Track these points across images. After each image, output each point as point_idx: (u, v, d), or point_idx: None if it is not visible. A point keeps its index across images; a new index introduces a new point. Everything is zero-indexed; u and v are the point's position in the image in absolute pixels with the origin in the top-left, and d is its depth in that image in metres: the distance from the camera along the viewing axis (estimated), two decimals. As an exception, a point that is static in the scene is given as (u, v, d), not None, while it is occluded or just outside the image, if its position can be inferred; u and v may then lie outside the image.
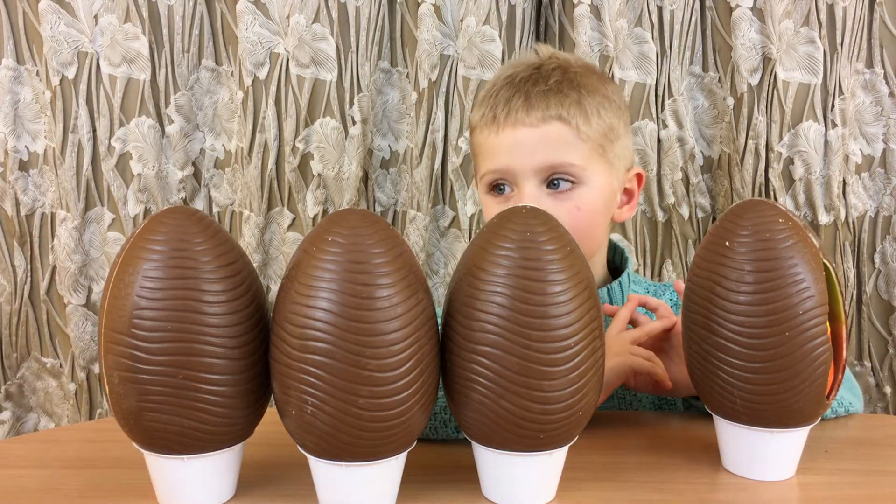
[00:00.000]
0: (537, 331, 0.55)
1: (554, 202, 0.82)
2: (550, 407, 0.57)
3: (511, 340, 0.56)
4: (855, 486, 0.66)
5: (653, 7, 1.23)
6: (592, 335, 0.58)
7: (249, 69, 1.19)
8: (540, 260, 0.56)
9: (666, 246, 1.29)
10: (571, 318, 0.56)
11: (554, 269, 0.56)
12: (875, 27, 1.23)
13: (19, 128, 1.23)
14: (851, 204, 1.26)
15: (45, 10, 1.18)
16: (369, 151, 1.25)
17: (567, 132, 0.83)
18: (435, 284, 1.27)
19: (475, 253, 0.58)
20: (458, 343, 0.58)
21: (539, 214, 0.59)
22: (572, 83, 0.85)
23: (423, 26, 1.20)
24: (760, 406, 0.64)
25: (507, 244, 0.56)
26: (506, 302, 0.56)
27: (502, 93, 0.85)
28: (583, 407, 0.59)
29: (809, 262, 0.62)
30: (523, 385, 0.56)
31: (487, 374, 0.57)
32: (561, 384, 0.56)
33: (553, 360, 0.56)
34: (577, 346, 0.56)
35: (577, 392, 0.57)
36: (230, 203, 1.27)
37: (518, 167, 0.83)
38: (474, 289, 0.57)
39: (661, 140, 1.25)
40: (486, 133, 0.85)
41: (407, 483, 0.64)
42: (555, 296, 0.55)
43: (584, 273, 0.58)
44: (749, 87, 1.21)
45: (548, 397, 0.56)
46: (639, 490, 0.66)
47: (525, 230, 0.57)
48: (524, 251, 0.56)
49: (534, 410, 0.57)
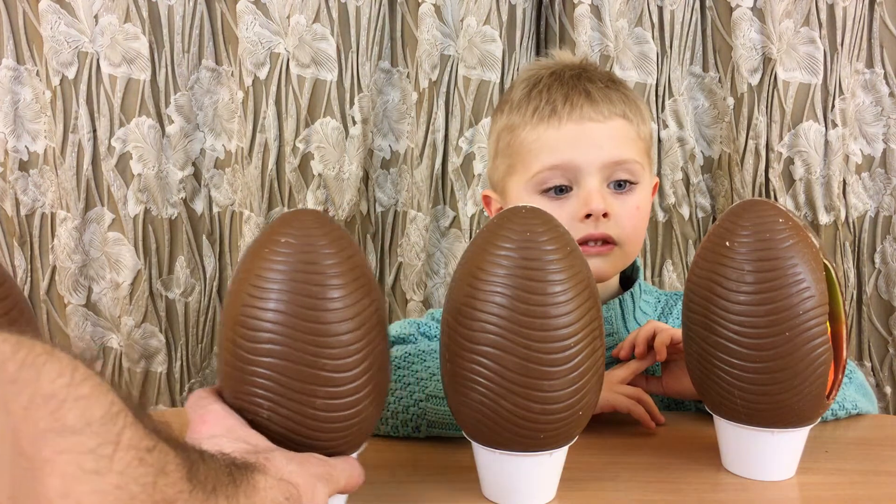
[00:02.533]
0: (537, 331, 0.55)
1: (617, 201, 0.80)
2: (551, 407, 0.57)
3: (511, 340, 0.56)
4: (855, 486, 0.66)
5: (653, 7, 1.23)
6: (593, 335, 0.58)
7: (250, 69, 1.19)
8: (540, 260, 0.56)
9: (666, 246, 1.29)
10: (571, 318, 0.56)
11: (554, 268, 0.56)
12: (875, 27, 1.24)
13: (19, 128, 1.23)
14: (851, 204, 1.26)
15: (45, 10, 1.17)
16: (370, 151, 1.25)
17: (630, 130, 0.82)
18: (435, 284, 1.27)
19: (475, 253, 0.58)
20: (459, 343, 0.58)
21: (539, 214, 0.58)
22: (621, 83, 0.85)
23: (423, 26, 1.19)
24: (760, 406, 0.64)
25: (507, 244, 0.56)
26: (506, 302, 0.56)
27: (556, 88, 0.82)
28: (583, 407, 0.59)
29: (809, 262, 0.62)
30: (524, 385, 0.56)
31: (488, 374, 0.57)
32: (561, 384, 0.56)
33: (553, 359, 0.56)
34: (577, 346, 0.56)
35: (577, 392, 0.57)
36: (230, 203, 1.27)
37: (583, 161, 0.79)
38: (474, 289, 0.57)
39: (662, 140, 1.25)
40: (541, 128, 0.81)
41: (407, 483, 0.64)
42: (555, 296, 0.55)
43: (584, 273, 0.58)
44: (749, 87, 1.21)
45: (548, 397, 0.56)
46: (639, 490, 0.65)
47: (525, 230, 0.57)
48: (524, 251, 0.56)
49: (534, 410, 0.57)
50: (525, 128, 0.82)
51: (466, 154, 1.24)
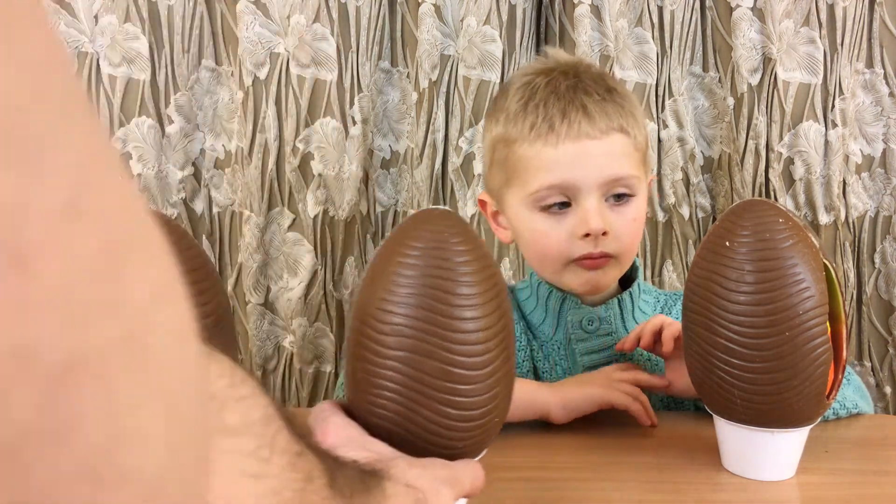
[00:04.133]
0: (457, 332, 0.53)
1: (615, 215, 0.81)
2: (469, 413, 0.54)
3: (431, 343, 0.53)
4: (855, 486, 0.66)
5: (653, 7, 1.23)
6: (505, 342, 0.56)
7: (249, 69, 1.19)
8: (450, 260, 0.54)
9: (666, 246, 1.29)
10: (485, 323, 0.54)
11: (464, 270, 0.54)
12: (875, 27, 1.24)
13: (19, 128, 1.23)
14: (851, 204, 1.26)
15: (45, 10, 1.17)
16: (370, 151, 1.25)
17: (627, 144, 0.81)
18: (435, 284, 1.27)
19: (386, 255, 0.56)
20: (370, 348, 0.54)
21: (451, 217, 0.57)
22: (615, 90, 0.83)
23: (423, 26, 1.20)
24: (760, 406, 0.64)
25: (419, 244, 0.54)
26: (422, 303, 0.53)
27: (552, 103, 0.81)
28: (498, 412, 0.57)
29: (809, 262, 0.62)
30: (444, 390, 0.53)
31: (404, 381, 0.53)
32: (480, 388, 0.54)
33: (472, 363, 0.54)
34: (493, 351, 0.54)
35: (494, 398, 0.55)
36: (230, 203, 1.27)
37: (581, 181, 0.79)
38: (387, 291, 0.54)
39: (662, 140, 1.25)
40: (538, 145, 0.80)
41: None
42: (469, 297, 0.53)
43: (495, 278, 0.56)
44: (749, 87, 1.21)
45: (468, 402, 0.54)
46: (639, 490, 0.65)
47: (439, 230, 0.55)
48: (436, 251, 0.54)
49: (453, 417, 0.54)
50: (522, 144, 0.81)
51: (466, 154, 1.24)
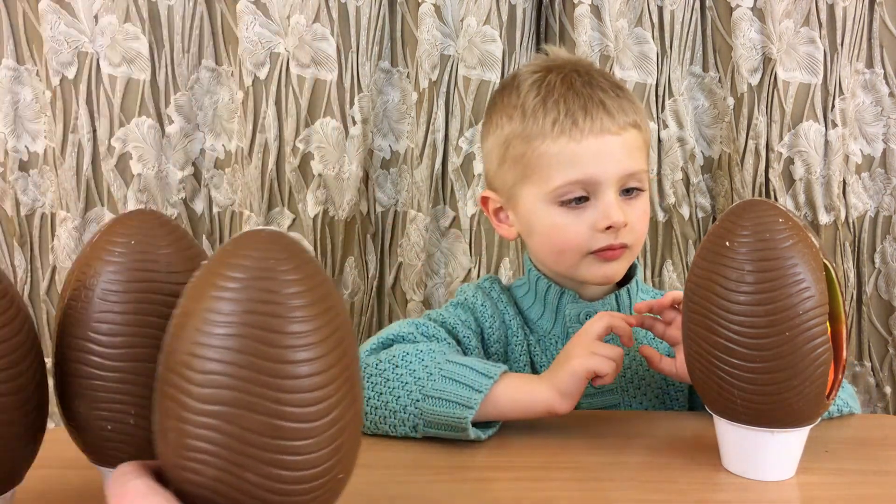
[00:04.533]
0: (287, 379, 0.44)
1: (629, 208, 0.82)
2: (306, 473, 0.45)
3: (255, 394, 0.44)
4: (855, 486, 0.66)
5: (653, 7, 1.23)
6: (349, 383, 0.47)
7: (249, 69, 1.19)
8: (278, 293, 0.45)
9: (666, 246, 1.29)
10: (322, 364, 0.45)
11: (296, 303, 0.45)
12: (875, 27, 1.24)
13: (19, 128, 1.23)
14: (851, 204, 1.26)
15: (45, 10, 1.18)
16: (370, 151, 1.25)
17: (640, 139, 0.84)
18: (435, 284, 1.27)
19: (200, 288, 0.46)
20: (181, 402, 0.44)
21: (280, 239, 0.47)
22: (623, 87, 0.86)
23: (423, 26, 1.20)
24: (760, 406, 0.64)
25: (239, 274, 0.45)
26: (243, 346, 0.44)
27: (571, 99, 0.82)
28: (343, 468, 0.48)
29: (809, 262, 0.62)
30: (274, 449, 0.44)
31: (224, 441, 0.44)
32: (316, 444, 0.45)
33: (308, 413, 0.45)
34: (332, 398, 0.46)
35: (336, 451, 0.47)
36: (230, 203, 1.27)
37: (602, 175, 0.81)
38: (200, 332, 0.44)
39: (662, 140, 1.25)
40: (562, 141, 0.81)
41: (407, 483, 0.63)
42: (300, 336, 0.45)
43: (335, 310, 0.48)
44: (749, 87, 1.22)
45: (303, 461, 0.45)
46: (639, 490, 0.66)
47: (264, 257, 0.46)
48: (261, 281, 0.45)
49: (286, 480, 0.45)
50: (545, 140, 0.82)
51: (466, 154, 1.24)
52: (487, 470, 0.69)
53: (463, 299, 0.91)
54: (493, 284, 0.92)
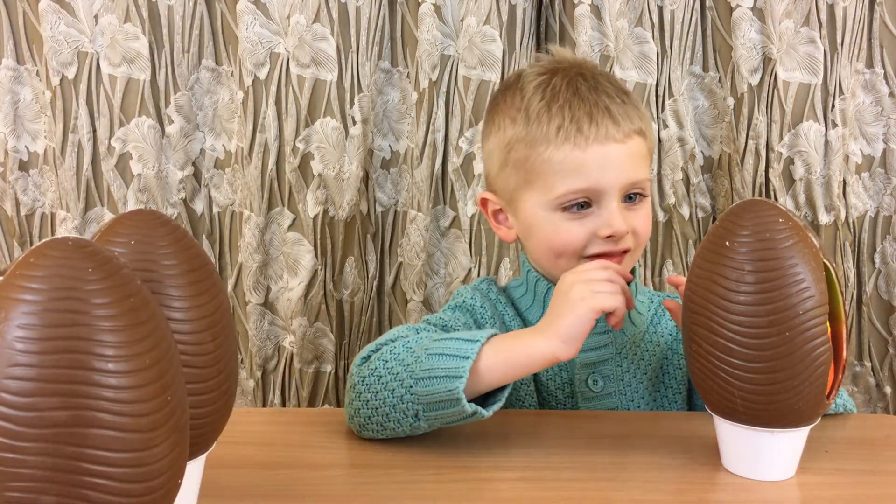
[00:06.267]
0: (101, 392, 0.41)
1: (631, 214, 0.82)
2: (136, 487, 0.42)
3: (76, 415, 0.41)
4: (855, 486, 0.66)
5: (653, 7, 1.23)
6: (174, 386, 0.44)
7: (249, 69, 1.19)
8: (86, 301, 0.41)
9: (666, 246, 1.29)
10: (142, 378, 0.42)
11: (104, 313, 0.41)
12: (875, 27, 1.24)
13: (19, 128, 1.23)
14: (851, 204, 1.26)
15: (45, 10, 1.18)
16: (370, 151, 1.25)
17: (644, 147, 0.84)
18: (435, 284, 1.27)
19: None
20: None
21: (85, 246, 0.43)
22: (629, 92, 0.85)
23: (423, 26, 1.20)
24: (760, 406, 0.64)
25: (36, 285, 0.41)
26: (50, 364, 0.40)
27: (577, 105, 0.81)
28: (172, 476, 0.45)
29: (809, 262, 0.62)
30: (94, 474, 0.41)
31: (49, 475, 0.41)
32: (146, 457, 0.43)
33: (126, 424, 0.42)
34: (154, 400, 0.42)
35: (167, 463, 0.44)
36: (230, 203, 1.27)
37: (606, 184, 0.80)
38: (2, 360, 0.41)
39: (662, 140, 1.25)
40: (566, 148, 0.80)
41: (406, 483, 0.63)
42: (112, 346, 0.41)
43: (149, 309, 0.44)
44: (749, 87, 1.22)
45: (135, 474, 0.42)
46: (639, 490, 0.66)
47: (66, 266, 0.41)
48: (64, 291, 0.41)
49: (115, 492, 0.42)
50: (548, 146, 0.81)
51: (466, 154, 1.24)
52: (487, 470, 0.69)
53: (461, 302, 0.90)
54: (490, 286, 0.92)
